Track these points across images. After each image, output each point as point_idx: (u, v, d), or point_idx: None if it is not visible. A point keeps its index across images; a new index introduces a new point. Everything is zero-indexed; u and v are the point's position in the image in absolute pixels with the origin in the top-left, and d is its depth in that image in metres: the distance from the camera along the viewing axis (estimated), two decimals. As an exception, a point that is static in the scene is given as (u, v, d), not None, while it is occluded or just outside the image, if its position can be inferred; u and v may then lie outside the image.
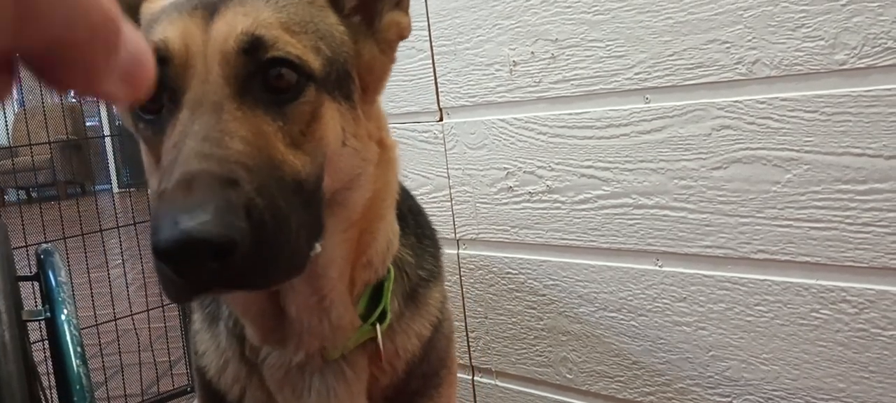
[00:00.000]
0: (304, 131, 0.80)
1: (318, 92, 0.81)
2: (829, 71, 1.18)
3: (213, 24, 0.80)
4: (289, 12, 0.83)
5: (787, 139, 1.24)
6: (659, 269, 1.44)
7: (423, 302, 1.03)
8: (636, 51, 1.38)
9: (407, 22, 0.95)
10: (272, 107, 0.79)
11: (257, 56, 0.78)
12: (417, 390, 1.03)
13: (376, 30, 0.93)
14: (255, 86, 0.78)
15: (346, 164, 0.86)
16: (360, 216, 0.91)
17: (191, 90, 0.77)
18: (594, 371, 1.58)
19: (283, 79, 0.79)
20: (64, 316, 1.17)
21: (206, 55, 0.78)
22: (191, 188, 0.67)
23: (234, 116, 0.76)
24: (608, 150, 1.45)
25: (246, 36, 0.78)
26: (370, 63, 0.91)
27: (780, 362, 1.32)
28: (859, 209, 1.19)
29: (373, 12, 0.93)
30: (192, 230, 0.64)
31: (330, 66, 0.84)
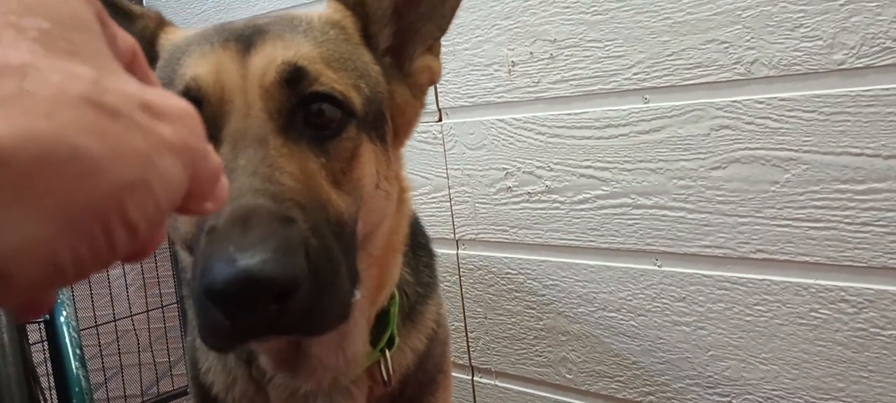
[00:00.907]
0: (344, 170, 0.77)
1: (358, 130, 0.79)
2: (828, 71, 1.18)
3: (251, 58, 0.77)
4: (329, 47, 0.81)
5: (786, 139, 1.24)
6: (658, 269, 1.44)
7: (420, 318, 1.03)
8: (635, 51, 1.38)
9: (438, 67, 0.93)
10: (314, 143, 0.76)
11: (300, 88, 0.75)
12: (413, 396, 1.04)
13: (408, 73, 0.91)
14: (297, 121, 0.75)
15: (377, 207, 0.84)
16: (381, 253, 0.90)
17: (230, 124, 0.74)
18: (594, 371, 1.58)
19: (324, 116, 0.76)
20: (63, 318, 1.17)
21: (246, 89, 0.75)
22: (247, 224, 0.63)
23: (281, 152, 0.72)
24: (607, 150, 1.45)
25: (288, 66, 0.75)
26: (402, 106, 0.90)
27: (779, 361, 1.32)
28: (858, 208, 1.19)
29: (405, 55, 0.92)
30: (253, 268, 0.59)
31: (368, 105, 0.81)
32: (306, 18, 0.84)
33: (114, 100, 0.31)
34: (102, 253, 0.31)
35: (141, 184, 0.31)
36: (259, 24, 0.82)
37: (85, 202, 0.29)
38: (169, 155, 0.33)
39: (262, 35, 0.79)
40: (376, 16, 0.90)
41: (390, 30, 0.91)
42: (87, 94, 0.30)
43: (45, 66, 0.30)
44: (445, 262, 1.79)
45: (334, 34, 0.84)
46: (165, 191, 0.32)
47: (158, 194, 0.32)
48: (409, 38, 0.92)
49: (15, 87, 0.29)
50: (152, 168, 0.32)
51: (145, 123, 0.32)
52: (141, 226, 0.31)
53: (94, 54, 0.33)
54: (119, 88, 0.32)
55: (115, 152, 0.30)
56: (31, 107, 0.28)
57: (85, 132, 0.29)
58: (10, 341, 0.97)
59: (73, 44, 0.33)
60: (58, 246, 0.29)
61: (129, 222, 0.31)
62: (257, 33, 0.79)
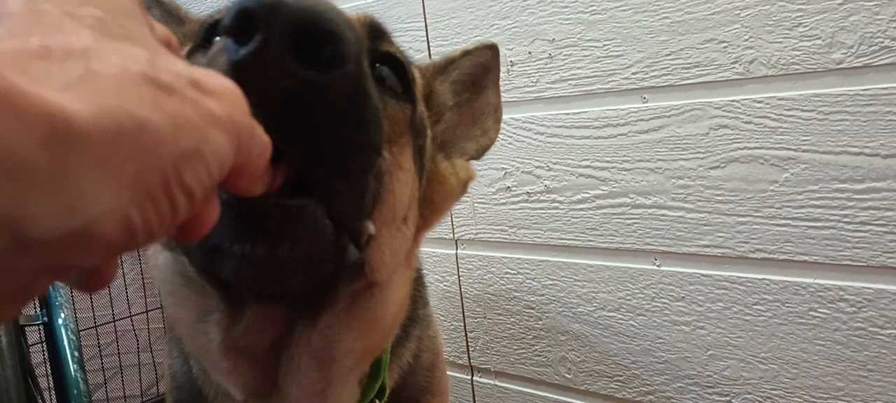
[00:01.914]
0: (391, 138, 0.69)
1: (410, 126, 0.74)
2: (826, 70, 1.18)
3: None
4: (408, 60, 0.80)
5: (785, 138, 1.24)
6: (657, 269, 1.44)
7: (396, 357, 0.97)
8: (633, 50, 1.38)
9: (474, 175, 0.96)
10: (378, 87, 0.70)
11: (378, 42, 0.72)
12: None
13: (450, 161, 0.93)
14: (369, 62, 0.65)
15: (395, 244, 0.74)
16: (387, 324, 0.82)
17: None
18: (593, 371, 1.58)
19: (387, 81, 0.72)
20: (61, 321, 1.17)
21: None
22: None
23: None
24: (606, 150, 1.45)
25: (371, 18, 0.74)
26: (444, 176, 0.88)
27: (778, 361, 1.32)
28: (857, 208, 1.19)
29: (447, 151, 0.94)
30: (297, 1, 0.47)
31: (421, 126, 0.79)
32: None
33: (167, 78, 0.34)
34: (166, 218, 0.34)
35: (195, 154, 0.34)
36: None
37: (152, 170, 0.32)
38: (216, 127, 0.36)
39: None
40: (438, 99, 0.95)
41: (444, 124, 0.94)
42: (145, 72, 0.33)
43: (106, 48, 0.34)
44: (444, 262, 1.79)
45: (412, 68, 0.85)
46: (216, 160, 0.36)
47: (210, 163, 0.35)
48: (452, 144, 0.96)
49: (83, 69, 0.32)
50: (204, 139, 0.35)
51: (196, 98, 0.35)
52: (197, 192, 0.35)
53: (143, 38, 0.37)
54: (170, 67, 0.35)
55: (173, 124, 0.33)
56: (100, 85, 0.31)
57: (148, 106, 0.32)
58: (9, 344, 0.97)
59: (124, 29, 0.36)
60: (132, 211, 0.32)
61: (188, 188, 0.34)
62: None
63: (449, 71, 1.00)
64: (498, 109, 1.03)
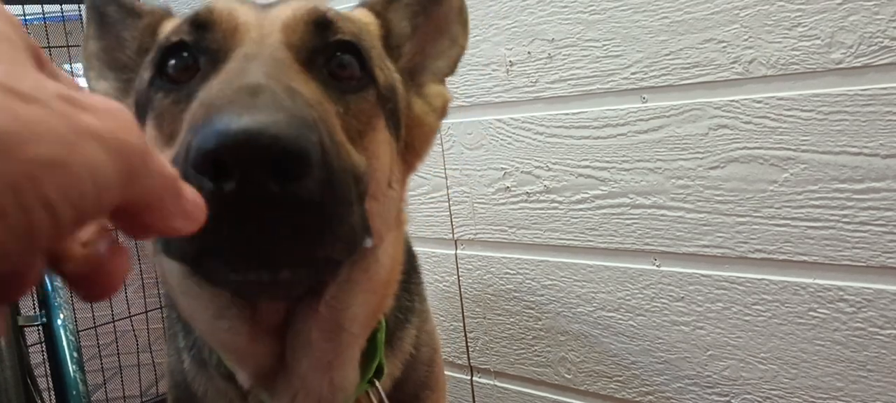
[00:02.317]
0: (361, 132, 0.71)
1: (378, 102, 0.75)
2: (826, 70, 1.18)
3: (272, 11, 0.74)
4: (359, 26, 0.79)
5: (784, 138, 1.24)
6: (657, 269, 1.44)
7: (398, 345, 0.98)
8: (633, 50, 1.38)
9: (450, 97, 0.94)
10: (333, 92, 0.70)
11: (325, 35, 0.72)
12: None
13: (423, 94, 0.91)
14: (317, 65, 0.70)
15: (385, 210, 0.77)
16: (384, 281, 0.85)
17: (243, 46, 0.68)
18: (592, 371, 1.58)
19: (347, 69, 0.72)
20: (60, 321, 1.17)
21: (263, 25, 0.70)
22: (256, 93, 0.54)
23: (297, 74, 0.65)
24: (605, 150, 1.45)
25: (316, 12, 0.72)
26: (421, 117, 0.88)
27: (778, 361, 1.32)
28: (856, 208, 1.19)
29: (417, 82, 0.92)
30: (258, 124, 0.50)
31: (388, 92, 0.78)
32: (334, 9, 0.83)
33: (28, 88, 0.32)
34: (21, 233, 0.30)
35: (60, 165, 0.31)
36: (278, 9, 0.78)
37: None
38: (94, 141, 0.33)
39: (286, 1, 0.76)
40: (397, 31, 0.91)
41: (408, 51, 0.92)
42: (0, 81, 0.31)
43: None
44: (444, 262, 1.79)
45: (363, 24, 0.84)
46: (92, 177, 0.32)
47: (82, 178, 0.32)
48: (422, 69, 0.93)
49: None
50: (73, 151, 0.32)
51: (65, 110, 0.32)
52: (61, 209, 0.31)
53: (13, 60, 0.34)
54: (35, 81, 0.33)
55: (29, 131, 0.30)
56: None
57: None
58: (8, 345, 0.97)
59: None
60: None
61: (48, 202, 0.31)
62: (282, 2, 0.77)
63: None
64: (462, 11, 0.97)
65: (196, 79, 0.69)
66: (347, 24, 0.76)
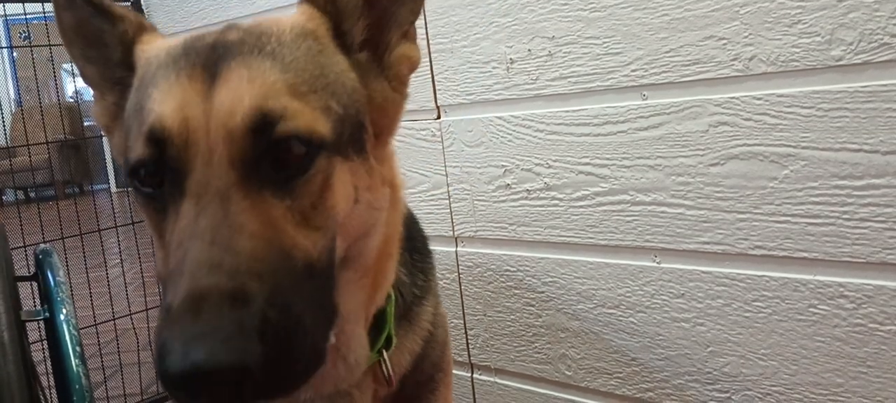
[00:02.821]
0: (314, 204, 0.75)
1: (329, 158, 0.76)
2: (826, 67, 1.18)
3: (216, 92, 0.73)
4: (298, 68, 0.77)
5: (784, 135, 1.24)
6: (657, 266, 1.45)
7: (416, 320, 1.03)
8: (633, 48, 1.38)
9: (417, 53, 0.90)
10: (280, 185, 0.73)
11: (266, 135, 0.72)
12: (412, 395, 1.04)
13: (386, 65, 0.88)
14: (262, 165, 0.73)
15: (358, 221, 0.81)
16: (375, 261, 0.88)
17: (194, 174, 0.72)
18: (593, 368, 1.59)
19: (292, 153, 0.73)
20: (63, 316, 1.17)
21: (210, 131, 0.72)
22: (199, 310, 0.63)
23: (242, 207, 0.70)
24: (605, 147, 1.45)
25: (253, 112, 0.72)
26: (383, 105, 0.86)
27: (778, 357, 1.33)
28: (857, 204, 1.19)
29: (382, 47, 0.88)
30: (202, 363, 0.60)
31: (341, 124, 0.78)
32: (277, 32, 0.80)
33: None
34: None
35: None
36: (228, 42, 0.78)
37: None
38: None
39: (228, 61, 0.75)
40: (348, 10, 0.86)
41: (364, 22, 0.87)
42: None
43: None
44: (444, 260, 1.79)
45: (305, 48, 0.80)
46: None
47: None
48: (385, 27, 0.88)
49: None
50: None
51: None
52: None
53: None
54: None
55: None
56: None
57: None
58: (10, 339, 0.97)
59: None
60: None
61: None
62: (224, 58, 0.76)
63: None
64: None
65: (166, 187, 0.75)
66: (284, 103, 0.74)
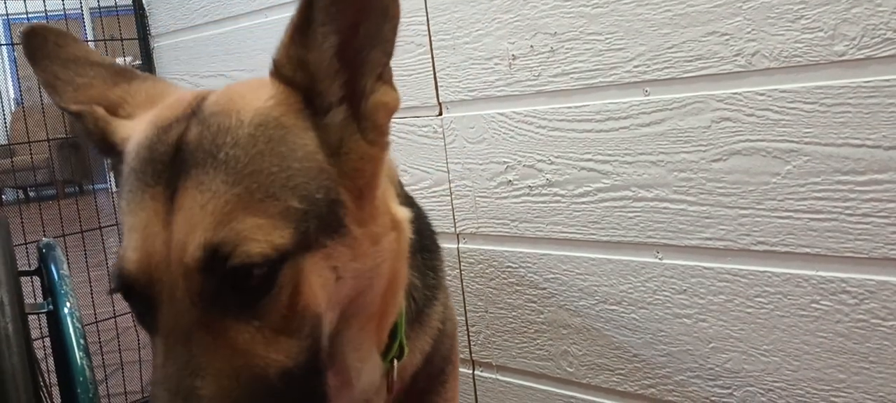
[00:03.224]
0: (286, 315, 0.74)
1: (294, 264, 0.73)
2: (829, 62, 1.18)
3: (174, 218, 0.72)
4: (252, 175, 0.73)
5: (787, 130, 1.24)
6: (659, 262, 1.45)
7: (427, 321, 1.04)
8: (635, 44, 1.38)
9: (394, 97, 0.84)
10: (245, 309, 0.72)
11: (220, 269, 0.71)
12: (424, 388, 1.06)
13: (362, 116, 0.83)
14: (223, 294, 0.72)
15: (346, 292, 0.80)
16: (380, 303, 0.88)
17: (161, 312, 0.73)
18: (595, 365, 1.59)
19: (251, 278, 0.71)
20: (67, 309, 1.17)
21: (170, 263, 0.72)
22: None
23: (205, 346, 0.71)
24: (608, 143, 1.45)
25: (204, 251, 0.70)
26: (358, 166, 0.81)
27: (780, 353, 1.33)
28: (859, 200, 1.19)
29: (357, 97, 0.83)
30: None
31: (306, 220, 0.75)
32: (235, 126, 0.76)
33: None
34: None
35: None
36: (188, 143, 0.75)
37: None
38: None
39: (184, 176, 0.73)
40: (320, 73, 0.80)
41: (339, 80, 0.82)
42: None
43: None
44: (446, 256, 1.79)
45: (263, 143, 0.76)
46: None
47: None
48: (359, 75, 0.82)
49: None
50: None
51: None
52: None
53: None
54: None
55: None
56: None
57: None
58: (15, 331, 0.97)
59: None
60: None
61: None
62: (182, 170, 0.73)
63: (311, 22, 0.79)
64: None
65: (145, 319, 0.77)
66: (236, 229, 0.71)
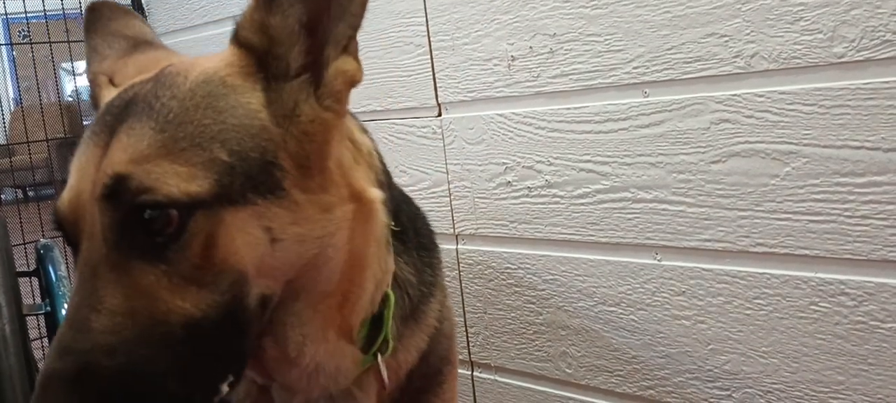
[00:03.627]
0: (198, 264, 0.73)
1: (209, 215, 0.73)
2: (828, 64, 1.18)
3: (103, 161, 0.75)
4: (178, 126, 0.75)
5: (786, 132, 1.24)
6: (658, 263, 1.45)
7: (423, 318, 1.02)
8: (634, 45, 1.38)
9: (355, 67, 0.84)
10: (153, 252, 0.72)
11: (123, 201, 0.72)
12: (420, 387, 1.04)
13: (322, 83, 0.83)
14: (132, 234, 0.72)
15: (286, 257, 0.79)
16: (339, 281, 0.86)
17: (81, 249, 0.75)
18: (593, 366, 1.59)
19: (159, 220, 0.72)
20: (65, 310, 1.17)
21: (93, 213, 0.74)
22: (44, 396, 0.68)
23: (106, 281, 0.72)
24: (607, 145, 1.45)
25: (110, 181, 0.72)
26: (308, 131, 0.81)
27: (779, 355, 1.33)
28: (858, 201, 1.19)
29: (320, 65, 0.83)
30: None
31: (231, 173, 0.75)
32: (178, 83, 0.79)
33: None
34: None
35: None
36: (136, 97, 0.79)
37: None
38: None
39: (120, 124, 0.76)
40: (281, 37, 0.81)
41: (302, 46, 0.82)
42: None
43: None
44: (445, 257, 1.78)
45: (200, 97, 0.78)
46: None
47: None
48: (324, 45, 0.83)
49: None
50: None
51: None
52: None
53: None
54: None
55: None
56: None
57: None
58: (12, 332, 0.97)
59: None
60: None
61: None
62: (120, 119, 0.77)
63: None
64: None
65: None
66: (147, 169, 0.72)
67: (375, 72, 1.79)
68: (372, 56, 1.78)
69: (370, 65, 1.79)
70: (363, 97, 1.83)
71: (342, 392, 0.94)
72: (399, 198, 1.04)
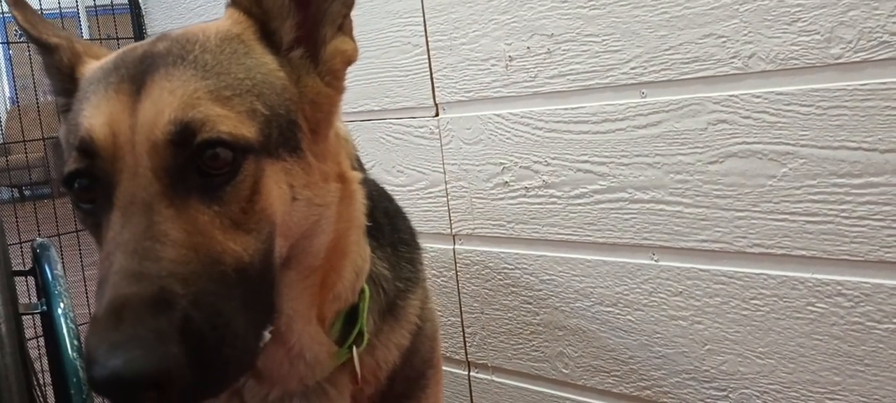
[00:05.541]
0: (245, 209, 0.76)
1: (257, 161, 0.77)
2: (825, 65, 1.18)
3: (141, 104, 0.76)
4: (219, 75, 0.78)
5: (783, 133, 1.24)
6: (655, 264, 1.45)
7: (402, 313, 1.02)
8: (632, 45, 1.38)
9: (352, 47, 0.89)
10: (207, 192, 0.75)
11: (188, 144, 0.74)
12: (403, 392, 1.03)
13: (321, 61, 0.87)
14: (188, 174, 0.74)
15: (298, 218, 0.82)
16: (324, 259, 0.88)
17: (121, 186, 0.74)
18: (590, 366, 1.59)
19: (217, 159, 0.74)
20: (61, 309, 1.17)
21: (135, 144, 0.75)
22: (120, 318, 0.66)
23: (166, 216, 0.72)
24: (604, 145, 1.45)
25: (174, 125, 0.74)
26: (316, 100, 0.86)
27: (775, 356, 1.33)
28: (855, 202, 1.20)
29: (316, 42, 0.87)
30: (121, 370, 0.63)
31: (269, 126, 0.79)
32: (202, 39, 0.82)
33: None
34: None
35: None
36: (155, 53, 0.80)
37: None
38: None
39: (152, 73, 0.77)
40: (274, 11, 0.86)
41: (293, 21, 0.86)
42: None
43: None
44: (442, 257, 1.79)
45: (229, 52, 0.81)
46: None
47: None
48: (318, 22, 0.87)
49: None
50: None
51: None
52: None
53: None
54: None
55: None
56: None
57: None
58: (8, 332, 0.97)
59: None
60: None
61: None
62: (149, 70, 0.78)
63: None
64: None
65: (98, 202, 0.78)
66: (206, 110, 0.75)
67: (373, 72, 1.79)
68: (369, 56, 1.78)
69: (368, 64, 1.80)
70: (360, 97, 1.83)
71: (316, 389, 0.94)
72: (375, 193, 1.04)
